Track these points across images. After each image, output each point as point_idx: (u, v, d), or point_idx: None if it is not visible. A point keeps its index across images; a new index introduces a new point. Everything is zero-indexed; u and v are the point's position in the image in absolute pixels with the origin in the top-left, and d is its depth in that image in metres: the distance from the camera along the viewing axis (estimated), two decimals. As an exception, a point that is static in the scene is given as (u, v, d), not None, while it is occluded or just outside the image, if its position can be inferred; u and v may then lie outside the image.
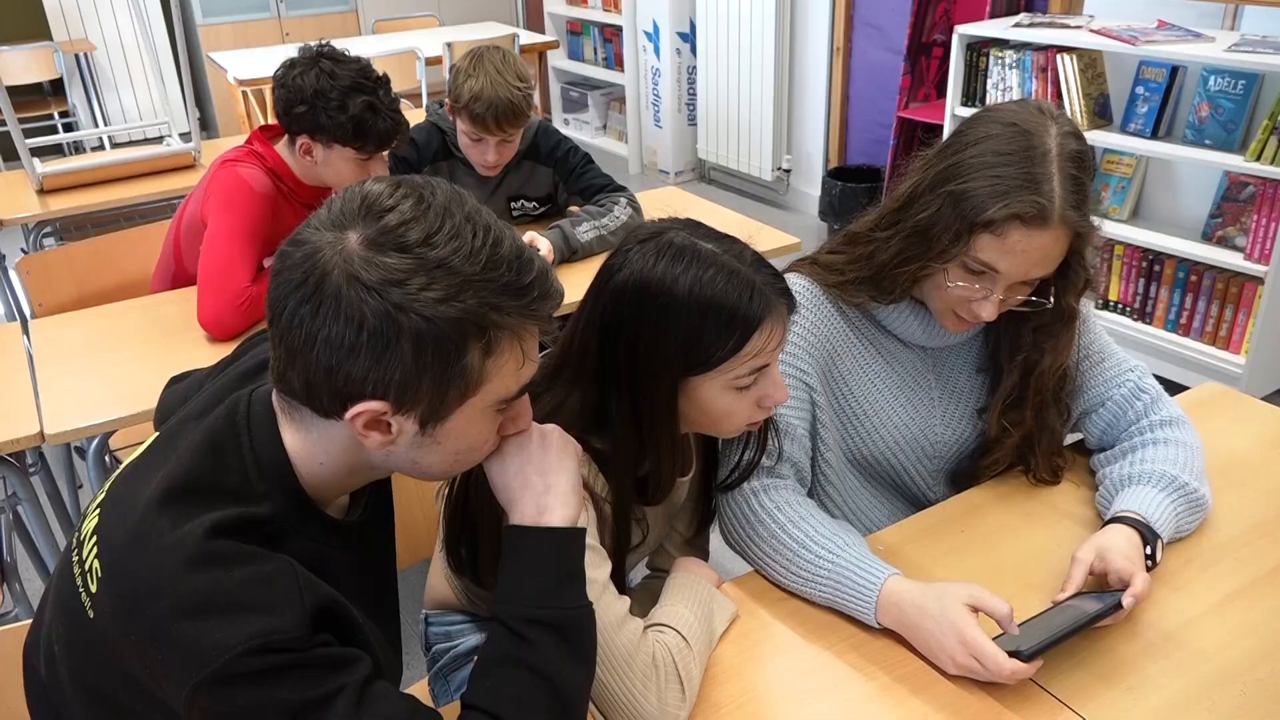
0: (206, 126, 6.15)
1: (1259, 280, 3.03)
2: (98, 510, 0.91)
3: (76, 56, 5.76)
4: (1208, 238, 3.22)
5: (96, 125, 5.86)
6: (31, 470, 1.98)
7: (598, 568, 1.09)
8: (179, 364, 1.93)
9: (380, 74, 2.07)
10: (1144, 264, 3.33)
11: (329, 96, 1.98)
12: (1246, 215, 3.10)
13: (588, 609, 0.99)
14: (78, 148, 5.17)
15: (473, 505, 1.18)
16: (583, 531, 1.00)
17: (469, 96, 2.23)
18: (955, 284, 1.31)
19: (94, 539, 0.88)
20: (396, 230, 0.83)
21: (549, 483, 0.99)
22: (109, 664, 0.86)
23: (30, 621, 1.04)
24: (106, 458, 1.94)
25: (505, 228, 0.89)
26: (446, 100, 2.36)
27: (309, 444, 0.92)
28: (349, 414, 0.86)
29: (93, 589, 0.86)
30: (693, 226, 1.15)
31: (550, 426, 1.03)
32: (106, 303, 2.25)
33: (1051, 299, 1.33)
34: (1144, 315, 3.38)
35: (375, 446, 0.89)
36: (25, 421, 1.73)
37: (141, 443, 0.99)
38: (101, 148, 5.13)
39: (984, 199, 1.23)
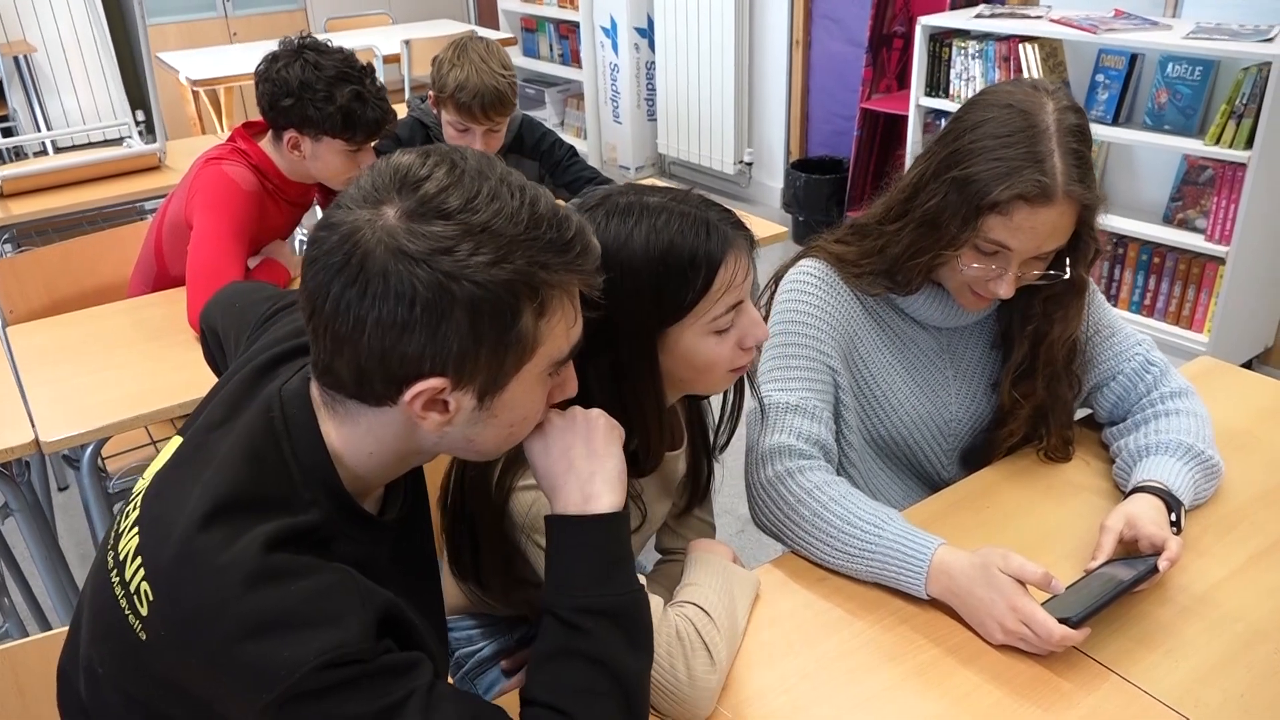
0: (152, 129, 5.98)
1: (1220, 260, 3.13)
2: (135, 530, 0.87)
3: (16, 59, 5.58)
4: (1169, 220, 3.31)
5: (38, 129, 5.68)
6: (19, 480, 1.91)
7: None
8: (168, 367, 1.89)
9: (365, 63, 2.03)
10: (1107, 247, 3.41)
11: (315, 88, 1.94)
12: (1206, 198, 3.19)
13: (641, 592, 0.97)
14: (18, 153, 5.01)
15: (470, 509, 1.16)
16: (627, 514, 0.98)
17: (454, 86, 2.21)
18: (970, 266, 1.33)
19: (138, 560, 0.84)
20: (436, 198, 0.81)
21: (594, 468, 0.97)
22: (164, 685, 0.84)
23: (37, 635, 1.00)
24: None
25: (537, 186, 0.87)
26: (430, 93, 2.33)
27: (357, 436, 0.89)
28: (407, 395, 0.83)
29: (143, 612, 0.82)
30: (636, 188, 1.16)
31: (595, 410, 1.01)
32: (81, 308, 2.18)
33: (1067, 270, 1.35)
34: (1109, 297, 3.45)
35: (432, 428, 0.87)
36: (17, 430, 1.67)
37: (132, 449, 0.96)
38: (45, 152, 4.98)
39: (988, 181, 1.25)
